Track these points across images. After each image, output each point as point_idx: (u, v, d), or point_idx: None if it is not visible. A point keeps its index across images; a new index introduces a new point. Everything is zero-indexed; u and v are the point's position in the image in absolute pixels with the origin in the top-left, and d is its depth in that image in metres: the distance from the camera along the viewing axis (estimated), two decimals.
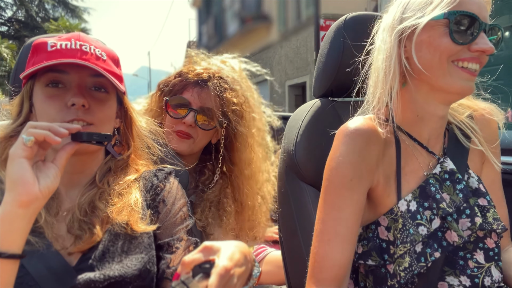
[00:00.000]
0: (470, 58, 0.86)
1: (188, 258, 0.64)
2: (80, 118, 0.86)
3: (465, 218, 0.90)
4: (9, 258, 0.70)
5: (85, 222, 0.86)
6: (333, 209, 0.89)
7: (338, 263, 0.86)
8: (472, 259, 0.90)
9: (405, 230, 0.88)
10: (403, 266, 0.86)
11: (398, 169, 0.93)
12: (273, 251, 1.82)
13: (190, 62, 1.50)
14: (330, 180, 0.91)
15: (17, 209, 0.70)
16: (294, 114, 1.23)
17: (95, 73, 0.88)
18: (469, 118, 1.01)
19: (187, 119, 1.37)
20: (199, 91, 1.39)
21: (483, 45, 0.85)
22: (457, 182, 0.93)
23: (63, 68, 0.87)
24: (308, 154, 1.12)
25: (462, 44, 0.85)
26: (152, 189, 0.96)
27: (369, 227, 0.94)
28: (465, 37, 0.85)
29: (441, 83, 0.88)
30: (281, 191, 1.22)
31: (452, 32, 0.85)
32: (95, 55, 0.89)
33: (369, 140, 0.91)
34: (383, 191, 0.92)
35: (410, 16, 0.89)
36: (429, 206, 0.90)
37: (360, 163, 0.89)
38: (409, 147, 0.96)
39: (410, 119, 0.96)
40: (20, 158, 0.71)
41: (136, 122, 1.02)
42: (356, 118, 0.95)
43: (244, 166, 1.47)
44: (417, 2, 0.89)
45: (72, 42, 0.88)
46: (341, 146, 0.91)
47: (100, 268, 0.81)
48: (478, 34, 0.85)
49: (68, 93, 0.87)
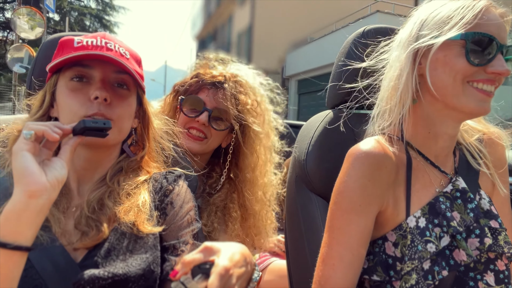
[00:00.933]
0: (485, 80, 0.85)
1: (188, 258, 0.64)
2: (101, 113, 0.87)
3: (474, 238, 0.88)
4: (14, 249, 0.68)
5: (92, 219, 0.86)
6: (340, 233, 0.88)
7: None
8: (482, 280, 0.88)
9: (413, 246, 0.86)
10: (409, 283, 0.85)
11: (408, 185, 0.92)
12: (277, 260, 1.81)
13: (207, 66, 1.51)
14: (338, 204, 0.89)
15: (26, 199, 0.69)
16: (307, 124, 1.22)
17: (119, 70, 0.91)
18: (478, 142, 1.01)
19: (201, 117, 1.39)
20: (214, 92, 1.41)
21: (499, 67, 0.84)
22: (468, 201, 0.92)
23: (88, 62, 0.89)
24: (319, 164, 1.11)
25: (478, 66, 0.84)
26: (161, 191, 0.96)
27: (376, 242, 0.92)
28: (482, 59, 0.84)
29: (455, 102, 0.87)
30: (289, 201, 1.21)
31: (468, 53, 0.84)
32: (119, 52, 0.91)
33: (380, 165, 0.89)
34: (392, 212, 0.91)
35: (427, 34, 0.88)
36: (439, 223, 0.89)
37: (370, 189, 0.88)
38: (420, 163, 0.95)
39: (421, 135, 0.95)
40: (22, 151, 0.71)
41: (153, 123, 1.03)
42: (367, 140, 0.93)
43: (249, 170, 1.48)
44: (435, 19, 0.88)
45: (98, 39, 0.91)
46: (351, 170, 0.89)
47: (105, 265, 0.81)
48: (495, 56, 0.84)
49: (91, 87, 0.89)
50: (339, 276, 0.86)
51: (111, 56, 0.87)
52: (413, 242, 0.87)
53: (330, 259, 0.88)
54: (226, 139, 1.49)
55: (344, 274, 0.86)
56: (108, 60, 0.88)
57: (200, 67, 1.52)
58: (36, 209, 0.70)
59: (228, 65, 1.54)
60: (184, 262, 0.63)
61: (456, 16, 0.86)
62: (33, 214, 0.70)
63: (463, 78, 0.85)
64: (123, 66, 0.89)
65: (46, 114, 0.93)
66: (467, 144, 1.00)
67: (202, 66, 1.52)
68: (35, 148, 0.73)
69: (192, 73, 1.49)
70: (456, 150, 1.00)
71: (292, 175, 1.20)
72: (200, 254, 0.65)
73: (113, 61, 0.88)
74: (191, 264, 0.63)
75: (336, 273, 0.86)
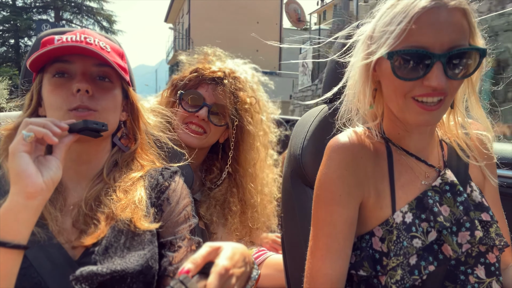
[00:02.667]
0: (425, 94, 0.82)
1: (199, 257, 0.63)
2: (85, 105, 0.88)
3: (464, 231, 0.89)
4: (13, 248, 0.71)
5: (90, 217, 0.87)
6: (325, 224, 0.89)
7: (330, 278, 0.87)
8: (473, 274, 0.89)
9: (399, 242, 0.87)
10: (394, 278, 0.85)
11: (392, 180, 0.92)
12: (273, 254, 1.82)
13: (205, 61, 1.51)
14: (320, 196, 0.91)
15: (24, 200, 0.71)
16: (302, 119, 1.23)
17: (99, 63, 0.91)
18: (466, 135, 1.00)
19: (200, 112, 1.39)
20: (214, 87, 1.41)
21: (431, 82, 0.79)
22: (457, 194, 0.92)
23: (68, 58, 0.90)
24: (314, 159, 1.11)
25: (411, 80, 0.81)
26: (157, 187, 0.97)
27: (364, 237, 0.93)
28: (416, 72, 0.80)
29: (400, 116, 0.88)
30: (285, 195, 1.22)
31: (395, 71, 0.81)
32: (99, 46, 0.92)
33: (356, 155, 0.90)
34: (375, 204, 0.91)
35: (372, 44, 0.86)
36: (426, 218, 0.89)
37: (348, 178, 0.89)
38: (402, 157, 0.95)
39: (397, 131, 0.95)
40: (20, 153, 0.72)
41: (143, 115, 1.03)
42: (345, 132, 0.94)
43: (249, 166, 1.49)
44: (380, 29, 0.84)
45: (77, 35, 0.91)
46: (330, 161, 0.91)
47: (103, 262, 0.81)
48: (431, 68, 0.79)
49: (73, 82, 0.89)
50: (327, 266, 0.87)
51: (90, 48, 0.87)
52: (399, 238, 0.87)
53: (318, 251, 0.89)
54: (223, 134, 1.50)
55: (332, 263, 0.87)
56: (87, 53, 0.88)
57: (199, 62, 1.51)
58: (32, 210, 0.73)
59: (226, 60, 1.53)
60: (195, 261, 0.63)
61: (386, 31, 0.81)
62: (29, 214, 0.73)
63: (403, 93, 0.84)
64: (102, 58, 0.89)
65: (34, 113, 0.94)
66: (454, 138, 1.00)
67: (201, 61, 1.52)
68: (32, 148, 0.75)
69: (191, 67, 1.49)
70: (443, 143, 1.01)
71: (287, 170, 1.20)
72: (209, 254, 0.65)
73: (92, 54, 0.88)
74: (203, 263, 0.63)
75: (325, 264, 0.87)
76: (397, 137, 0.96)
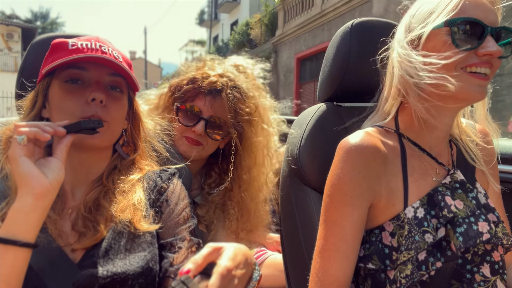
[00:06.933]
0: (479, 63, 0.85)
1: (200, 258, 0.63)
2: (98, 115, 0.89)
3: (483, 222, 0.88)
4: (23, 246, 0.73)
5: (89, 220, 0.87)
6: (334, 225, 0.89)
7: (337, 279, 0.87)
8: (478, 272, 0.89)
9: (410, 237, 0.87)
10: (404, 273, 0.86)
11: (405, 176, 0.93)
12: (274, 254, 1.82)
13: (204, 66, 1.46)
14: (331, 197, 0.91)
15: (33, 201, 0.74)
16: (299, 118, 1.23)
17: (113, 72, 0.92)
18: (470, 140, 1.02)
19: (197, 128, 1.36)
20: (211, 100, 1.37)
21: (489, 48, 0.83)
22: (468, 191, 0.93)
23: (83, 65, 0.90)
24: (312, 158, 1.12)
25: (467, 50, 0.85)
26: (156, 189, 0.97)
27: (373, 231, 0.93)
28: (470, 43, 0.85)
29: (451, 90, 0.86)
30: (283, 195, 1.22)
31: (455, 40, 0.85)
32: (113, 55, 0.92)
33: (369, 157, 0.90)
34: (386, 202, 0.92)
35: (415, 27, 0.89)
36: (436, 214, 0.89)
37: (361, 180, 0.89)
38: (415, 153, 0.96)
39: (416, 127, 0.95)
40: (21, 157, 0.74)
41: (144, 124, 1.04)
42: (357, 133, 0.94)
43: (245, 172, 1.48)
44: (421, 13, 0.90)
45: (92, 42, 0.91)
46: (342, 163, 0.91)
47: (103, 265, 0.81)
48: (484, 38, 0.84)
49: (87, 90, 0.90)
50: (335, 267, 0.87)
51: (109, 58, 0.88)
52: (411, 233, 0.87)
53: (325, 251, 0.89)
54: (223, 140, 1.47)
55: (340, 265, 0.87)
56: (105, 63, 0.89)
57: (197, 70, 1.46)
58: (41, 210, 0.75)
59: (225, 62, 1.49)
60: (196, 262, 0.63)
61: (439, 6, 0.87)
62: (38, 214, 0.75)
63: (455, 64, 0.85)
64: (120, 68, 0.90)
65: (38, 115, 0.94)
66: (461, 140, 1.02)
67: (199, 68, 1.47)
68: (30, 150, 0.76)
69: (188, 76, 1.43)
70: (452, 143, 1.01)
71: (285, 170, 1.20)
72: (210, 254, 0.65)
73: (110, 64, 0.89)
74: (204, 263, 0.63)
75: (332, 265, 0.87)
76: (415, 133, 0.96)
